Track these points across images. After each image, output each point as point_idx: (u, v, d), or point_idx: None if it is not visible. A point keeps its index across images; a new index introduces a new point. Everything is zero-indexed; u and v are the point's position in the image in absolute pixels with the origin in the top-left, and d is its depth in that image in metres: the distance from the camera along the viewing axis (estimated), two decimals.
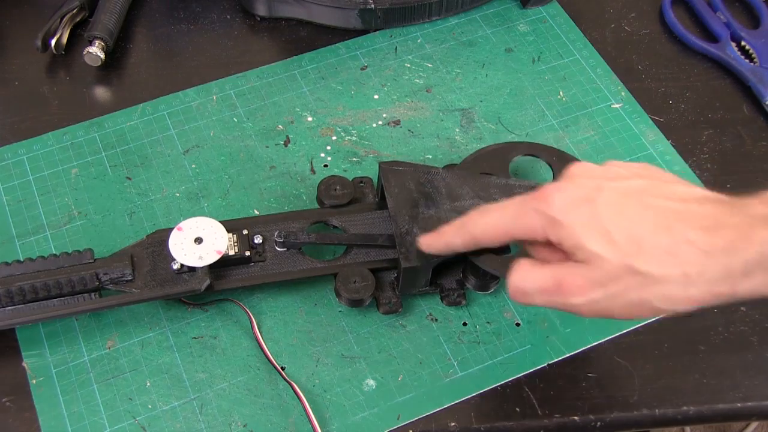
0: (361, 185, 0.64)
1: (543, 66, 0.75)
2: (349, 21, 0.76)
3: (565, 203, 0.48)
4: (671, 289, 0.46)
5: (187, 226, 0.59)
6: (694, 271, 0.45)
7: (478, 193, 0.60)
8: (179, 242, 0.58)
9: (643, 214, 0.47)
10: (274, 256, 0.60)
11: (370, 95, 0.73)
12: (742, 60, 0.74)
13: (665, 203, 0.47)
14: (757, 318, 0.61)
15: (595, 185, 0.48)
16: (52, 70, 0.74)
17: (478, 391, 0.58)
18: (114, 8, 0.74)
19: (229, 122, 0.71)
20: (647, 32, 0.78)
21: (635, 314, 0.48)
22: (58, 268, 0.57)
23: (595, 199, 0.47)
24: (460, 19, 0.78)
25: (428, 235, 0.56)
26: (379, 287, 0.59)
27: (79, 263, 0.58)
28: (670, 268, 0.45)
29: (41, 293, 0.57)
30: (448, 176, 0.61)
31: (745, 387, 0.58)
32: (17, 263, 0.58)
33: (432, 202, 0.59)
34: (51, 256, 0.58)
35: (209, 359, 0.59)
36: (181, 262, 0.58)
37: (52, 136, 0.69)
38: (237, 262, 0.59)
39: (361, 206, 0.62)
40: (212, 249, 0.58)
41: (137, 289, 0.57)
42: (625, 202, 0.47)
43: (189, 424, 0.56)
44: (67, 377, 0.58)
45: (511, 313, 0.61)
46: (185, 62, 0.75)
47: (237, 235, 0.59)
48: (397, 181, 0.60)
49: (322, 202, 0.62)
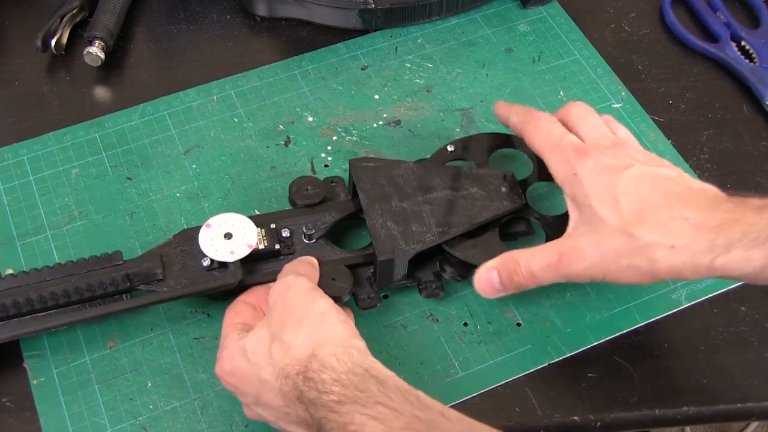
0: (332, 185, 0.64)
1: (543, 66, 0.75)
2: (350, 21, 0.76)
3: (594, 167, 0.54)
4: (659, 256, 0.50)
5: (216, 222, 0.59)
6: (682, 243, 0.50)
7: (450, 184, 0.61)
8: (209, 238, 0.58)
9: (653, 194, 0.52)
10: (303, 248, 0.60)
11: (371, 95, 0.73)
12: (742, 60, 0.74)
13: (677, 189, 0.52)
14: (757, 318, 0.61)
15: (630, 161, 0.54)
16: (52, 70, 0.74)
17: (479, 391, 0.58)
18: (114, 8, 0.74)
19: (230, 122, 0.71)
20: (647, 32, 0.78)
21: (624, 278, 0.52)
22: (88, 271, 0.57)
23: (620, 172, 0.53)
24: (460, 19, 0.78)
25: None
26: (357, 283, 0.59)
27: (109, 265, 0.58)
28: (661, 237, 0.50)
29: (74, 297, 0.57)
30: (419, 169, 0.61)
31: (745, 387, 0.59)
32: (48, 268, 0.58)
33: (404, 195, 0.60)
34: (80, 260, 0.58)
35: (210, 359, 0.59)
36: (211, 258, 0.58)
37: (52, 137, 0.69)
38: (266, 256, 0.59)
39: (333, 205, 0.62)
40: (243, 243, 0.58)
41: (168, 288, 0.57)
42: (642, 181, 0.53)
43: (190, 425, 0.56)
44: (68, 377, 0.58)
45: (512, 313, 0.61)
46: (185, 62, 0.75)
47: (265, 229, 0.60)
48: (368, 177, 0.61)
49: (294, 203, 0.62)
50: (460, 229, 0.59)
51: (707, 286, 0.62)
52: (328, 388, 0.47)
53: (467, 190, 0.61)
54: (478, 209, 0.60)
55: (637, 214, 0.51)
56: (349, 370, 0.48)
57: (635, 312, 0.61)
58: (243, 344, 0.52)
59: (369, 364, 0.49)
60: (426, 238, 0.58)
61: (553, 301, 0.62)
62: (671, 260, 0.50)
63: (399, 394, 0.47)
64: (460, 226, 0.59)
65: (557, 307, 0.61)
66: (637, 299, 0.62)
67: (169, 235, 0.62)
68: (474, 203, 0.60)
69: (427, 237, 0.58)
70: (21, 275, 0.57)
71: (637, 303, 0.62)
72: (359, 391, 0.47)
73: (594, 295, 0.62)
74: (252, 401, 0.53)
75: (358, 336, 0.51)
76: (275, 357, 0.50)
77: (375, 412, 0.46)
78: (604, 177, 0.53)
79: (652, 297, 0.62)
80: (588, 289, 0.62)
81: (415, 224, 0.59)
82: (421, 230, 0.58)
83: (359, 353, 0.50)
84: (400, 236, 0.58)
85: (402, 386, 0.48)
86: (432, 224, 0.59)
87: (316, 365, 0.48)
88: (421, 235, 0.58)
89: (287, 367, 0.49)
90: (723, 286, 0.63)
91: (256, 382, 0.51)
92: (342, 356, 0.49)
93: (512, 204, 0.61)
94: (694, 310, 0.62)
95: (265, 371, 0.50)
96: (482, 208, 0.60)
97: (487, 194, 0.61)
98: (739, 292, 0.63)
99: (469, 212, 0.60)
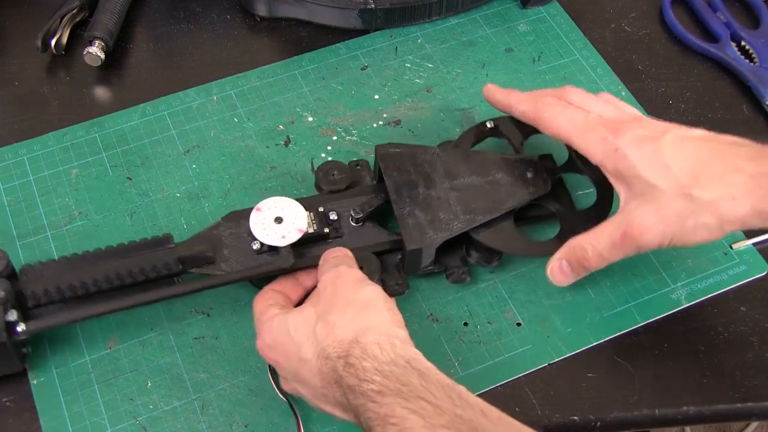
0: (357, 168, 0.64)
1: (543, 66, 0.75)
2: (350, 21, 0.76)
3: (633, 139, 0.55)
4: (723, 209, 0.52)
5: (266, 206, 0.59)
6: (741, 193, 0.52)
7: (476, 170, 0.61)
8: (260, 222, 0.58)
9: (699, 153, 0.54)
10: (351, 231, 0.60)
11: (371, 95, 0.73)
12: (742, 60, 0.74)
13: (719, 145, 0.54)
14: (757, 318, 0.62)
15: (662, 128, 0.55)
16: (52, 70, 0.74)
17: (479, 391, 0.58)
18: (114, 8, 0.74)
19: (230, 122, 0.71)
20: (647, 32, 0.78)
21: (692, 238, 0.54)
22: (139, 254, 0.58)
23: (659, 139, 0.54)
24: (460, 19, 0.78)
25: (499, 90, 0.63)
26: (385, 270, 0.60)
27: (160, 248, 0.58)
28: (721, 190, 0.52)
29: (127, 280, 0.57)
30: (445, 155, 0.62)
31: (745, 387, 0.59)
32: (99, 251, 0.58)
33: (431, 182, 0.60)
34: (131, 243, 0.58)
35: (210, 359, 0.59)
36: (261, 242, 0.58)
37: (52, 137, 0.69)
38: (315, 240, 0.59)
39: (360, 190, 0.62)
40: (293, 228, 0.58)
41: (220, 272, 0.58)
42: (684, 144, 0.54)
43: (190, 425, 0.56)
44: (68, 377, 0.58)
45: (512, 313, 0.61)
46: (185, 62, 0.75)
47: (314, 213, 0.60)
48: (394, 163, 0.61)
49: (320, 188, 0.63)
50: (487, 216, 0.59)
51: (707, 286, 0.62)
52: (369, 377, 0.47)
53: (493, 176, 0.61)
54: (504, 195, 0.60)
55: (692, 175, 0.53)
56: (391, 360, 0.48)
57: (635, 312, 0.61)
58: (286, 320, 0.53)
59: (411, 356, 0.49)
60: (453, 226, 0.59)
61: (553, 301, 0.62)
62: (736, 210, 0.52)
63: (441, 389, 0.47)
64: (486, 212, 0.59)
65: (557, 307, 0.61)
66: (637, 299, 0.62)
67: None
68: (500, 189, 0.60)
69: (454, 225, 0.59)
70: (74, 258, 0.58)
71: (637, 303, 0.62)
72: (401, 383, 0.47)
73: (594, 295, 0.62)
74: (291, 377, 0.53)
75: (402, 325, 0.52)
76: (318, 336, 0.50)
77: (416, 406, 0.46)
78: (647, 146, 0.54)
79: (652, 297, 0.62)
80: (588, 289, 0.62)
81: (441, 212, 0.59)
82: (447, 218, 0.59)
83: (402, 343, 0.50)
84: (428, 225, 0.58)
85: (443, 381, 0.48)
86: (459, 211, 0.59)
87: (358, 351, 0.48)
88: (448, 222, 0.59)
89: (328, 347, 0.50)
90: (723, 286, 0.63)
91: (296, 359, 0.51)
92: (385, 345, 0.49)
93: (538, 190, 0.61)
94: (694, 310, 0.62)
95: (306, 350, 0.51)
96: (508, 194, 0.60)
97: (513, 180, 0.61)
98: (739, 292, 0.63)
99: (495, 199, 0.60)
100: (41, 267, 0.57)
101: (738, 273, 0.63)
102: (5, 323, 0.53)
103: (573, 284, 0.60)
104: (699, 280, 0.63)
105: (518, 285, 0.63)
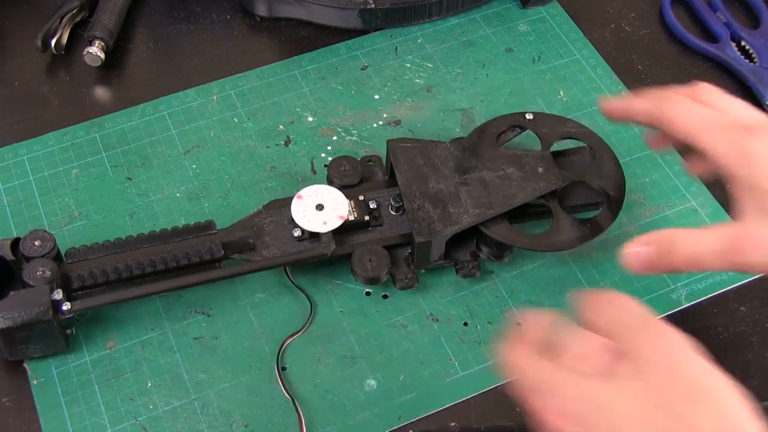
0: (369, 164, 0.65)
1: (543, 66, 0.75)
2: (350, 21, 0.76)
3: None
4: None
5: (307, 193, 0.60)
6: None
7: (487, 164, 0.61)
8: (301, 209, 0.59)
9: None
10: (390, 220, 0.61)
11: (371, 95, 0.73)
12: (742, 60, 0.75)
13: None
14: (757, 318, 0.62)
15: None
16: (52, 70, 0.74)
17: (479, 391, 0.58)
18: (114, 8, 0.74)
19: (230, 122, 0.71)
20: (647, 32, 0.78)
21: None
22: (182, 239, 0.59)
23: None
24: (460, 19, 0.78)
25: (613, 100, 0.58)
26: (395, 263, 0.60)
27: (203, 234, 0.59)
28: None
29: (170, 264, 0.58)
30: (456, 150, 0.62)
31: (745, 387, 0.58)
32: (143, 236, 0.59)
33: (441, 176, 0.60)
34: (174, 228, 0.60)
35: (210, 359, 0.59)
36: (302, 228, 0.59)
37: (52, 137, 0.69)
38: (356, 227, 0.60)
39: (371, 185, 0.63)
40: (334, 215, 0.59)
41: (261, 258, 0.59)
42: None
43: (190, 425, 0.56)
44: (68, 378, 0.58)
45: (512, 313, 0.61)
46: (185, 62, 0.75)
47: (354, 201, 0.60)
48: (405, 158, 0.61)
49: (332, 182, 0.63)
50: (497, 210, 0.59)
51: (707, 286, 0.62)
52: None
53: (504, 171, 0.61)
54: (515, 190, 0.60)
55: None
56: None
57: None
58: (598, 392, 0.43)
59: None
60: (463, 220, 0.59)
61: (553, 301, 0.62)
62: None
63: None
64: (496, 207, 0.59)
65: (557, 307, 0.61)
66: (637, 299, 0.62)
67: None
68: (510, 184, 0.60)
69: (463, 219, 0.59)
70: (117, 242, 0.59)
71: None
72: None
73: None
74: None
75: (755, 417, 0.42)
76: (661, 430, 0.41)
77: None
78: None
79: (652, 297, 0.62)
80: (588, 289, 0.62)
81: (452, 206, 0.59)
82: (457, 212, 0.59)
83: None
84: (438, 218, 0.59)
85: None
86: (469, 205, 0.59)
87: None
88: (458, 216, 0.59)
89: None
90: (723, 286, 0.63)
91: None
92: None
93: (549, 185, 0.61)
94: (694, 310, 0.62)
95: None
96: (519, 188, 0.60)
97: (524, 175, 0.61)
98: (739, 292, 0.63)
99: (506, 193, 0.60)
100: (86, 250, 0.59)
101: (738, 273, 0.63)
102: (51, 302, 0.54)
103: (573, 284, 0.60)
104: (699, 280, 0.63)
105: (518, 285, 0.63)
